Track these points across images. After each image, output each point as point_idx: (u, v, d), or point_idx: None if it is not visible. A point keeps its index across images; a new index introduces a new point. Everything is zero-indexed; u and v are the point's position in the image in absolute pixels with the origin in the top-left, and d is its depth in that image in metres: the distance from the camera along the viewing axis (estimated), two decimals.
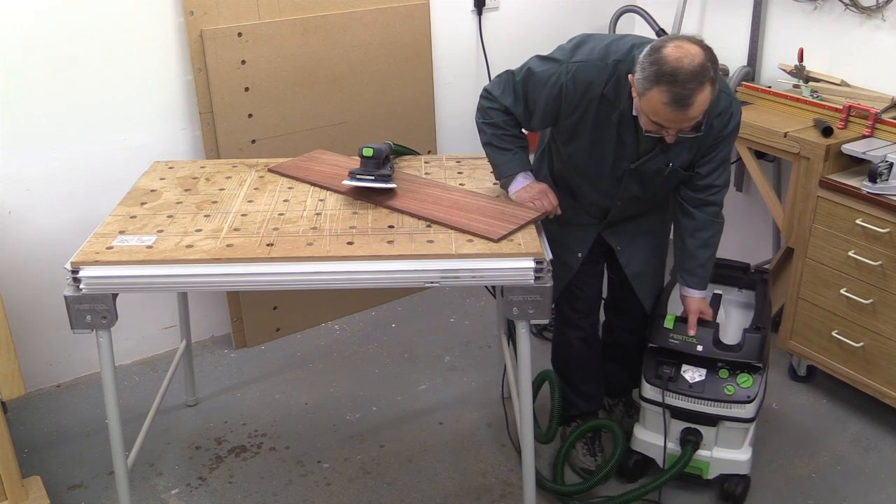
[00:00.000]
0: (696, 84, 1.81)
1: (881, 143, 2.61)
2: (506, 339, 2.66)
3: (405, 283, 2.00)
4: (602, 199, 2.25)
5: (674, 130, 1.92)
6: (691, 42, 1.85)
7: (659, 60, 1.82)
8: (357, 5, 3.03)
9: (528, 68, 2.10)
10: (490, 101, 2.18)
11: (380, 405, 2.85)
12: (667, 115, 1.86)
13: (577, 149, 2.15)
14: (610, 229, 2.33)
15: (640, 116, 1.95)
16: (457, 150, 3.47)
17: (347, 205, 2.23)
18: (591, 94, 2.02)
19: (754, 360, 2.26)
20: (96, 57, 2.67)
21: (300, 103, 3.01)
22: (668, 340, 2.30)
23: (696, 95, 1.82)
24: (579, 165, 2.20)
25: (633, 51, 1.98)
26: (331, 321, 3.35)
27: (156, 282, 1.95)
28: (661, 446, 2.35)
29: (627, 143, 2.09)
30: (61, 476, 2.53)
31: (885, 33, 2.83)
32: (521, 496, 2.33)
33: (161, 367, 3.05)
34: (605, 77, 2.00)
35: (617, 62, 1.99)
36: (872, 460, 2.56)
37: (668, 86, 1.81)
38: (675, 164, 2.10)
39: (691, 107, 1.83)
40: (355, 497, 2.44)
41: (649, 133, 1.96)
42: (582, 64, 2.02)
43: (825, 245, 2.64)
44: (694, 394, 2.28)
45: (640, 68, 1.87)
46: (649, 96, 1.85)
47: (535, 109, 2.12)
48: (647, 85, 1.85)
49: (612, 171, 2.15)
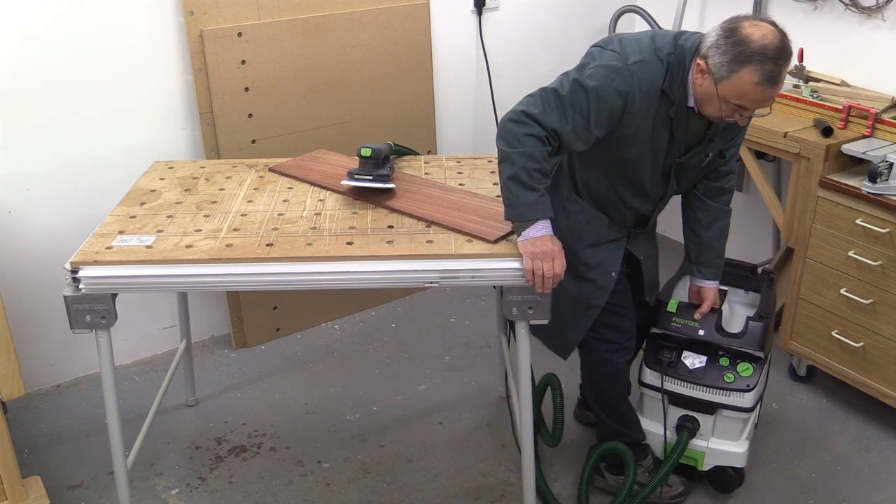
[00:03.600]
0: (784, 60, 1.78)
1: (881, 143, 2.61)
2: (506, 339, 2.66)
3: (405, 283, 2.00)
4: (644, 205, 2.14)
5: (750, 112, 1.87)
6: (760, 19, 1.82)
7: (744, 40, 1.77)
8: (357, 5, 3.03)
9: (574, 80, 1.90)
10: (526, 125, 1.89)
11: (380, 405, 2.85)
12: (755, 94, 1.80)
13: (631, 154, 2.01)
14: (633, 240, 2.23)
15: (713, 103, 1.87)
16: (457, 150, 3.47)
17: (347, 205, 2.24)
18: (654, 92, 1.93)
19: (755, 349, 2.26)
20: (96, 57, 2.67)
21: (300, 103, 3.02)
22: (670, 324, 2.29)
23: (784, 71, 1.79)
24: (629, 171, 2.05)
25: (678, 41, 1.92)
26: (331, 321, 3.35)
27: (155, 282, 1.95)
28: (659, 434, 2.34)
29: (678, 137, 2.00)
30: (61, 476, 2.53)
31: (885, 33, 2.83)
32: (521, 496, 2.33)
33: (161, 367, 3.05)
34: (663, 73, 1.92)
35: (668, 55, 1.92)
36: (872, 460, 2.55)
37: (759, 64, 1.76)
38: (713, 153, 2.07)
39: (780, 83, 1.80)
40: (355, 497, 2.44)
41: (724, 119, 1.90)
42: (642, 63, 1.90)
43: (825, 245, 2.64)
44: (693, 380, 2.27)
45: (720, 52, 1.80)
46: (735, 78, 1.79)
47: (592, 123, 1.91)
48: (734, 67, 1.79)
49: (660, 169, 2.06)
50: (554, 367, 2.60)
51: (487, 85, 3.47)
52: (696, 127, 2.00)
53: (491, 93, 3.47)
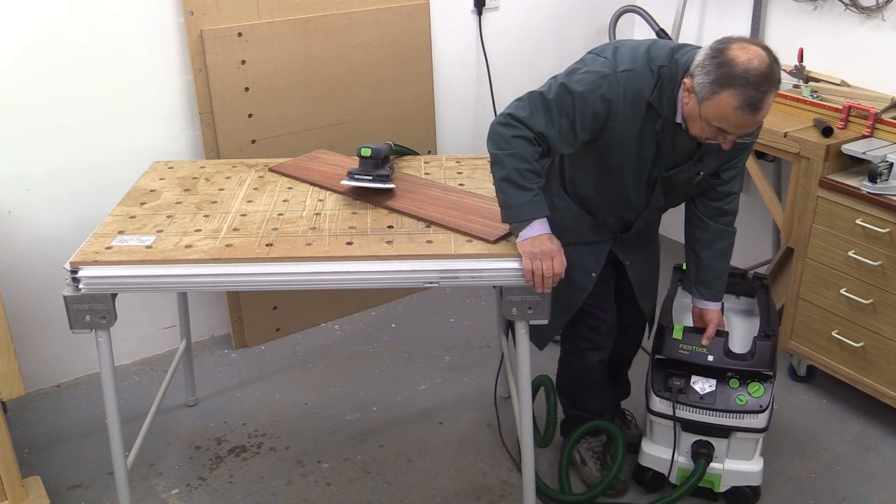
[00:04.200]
0: (768, 86, 1.73)
1: (881, 143, 2.61)
2: (506, 338, 2.66)
3: (405, 283, 2.00)
4: (627, 212, 2.14)
5: (733, 136, 1.82)
6: (752, 43, 1.76)
7: (728, 62, 1.73)
8: (357, 5, 3.03)
9: (561, 84, 1.91)
10: (514, 127, 1.92)
11: (380, 405, 2.85)
12: (735, 119, 1.76)
13: (614, 161, 2.01)
14: (620, 244, 2.24)
15: (695, 123, 1.84)
16: (456, 150, 3.47)
17: (347, 205, 2.24)
18: (639, 103, 1.91)
19: (766, 369, 2.22)
20: (96, 57, 2.67)
21: (300, 103, 3.02)
22: (677, 351, 2.25)
23: (768, 98, 1.74)
24: (612, 178, 2.06)
25: (675, 54, 1.88)
26: (331, 321, 3.35)
27: (155, 282, 1.95)
28: (669, 460, 2.32)
29: (665, 151, 1.98)
30: (61, 476, 2.53)
31: (885, 33, 2.83)
32: (521, 496, 2.33)
33: (161, 367, 3.05)
34: (652, 84, 1.89)
35: (661, 67, 1.88)
36: (872, 460, 2.55)
37: (740, 89, 1.71)
38: (705, 173, 2.03)
39: (762, 110, 1.74)
40: (355, 497, 2.44)
41: (706, 140, 1.86)
42: (630, 72, 1.89)
43: (825, 245, 2.64)
44: (705, 405, 2.22)
45: (704, 72, 1.76)
46: (716, 100, 1.75)
47: (577, 127, 1.92)
48: (715, 88, 1.74)
49: (644, 181, 2.04)
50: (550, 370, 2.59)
51: (487, 85, 3.47)
52: (684, 143, 1.95)
53: (491, 93, 3.47)
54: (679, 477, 2.34)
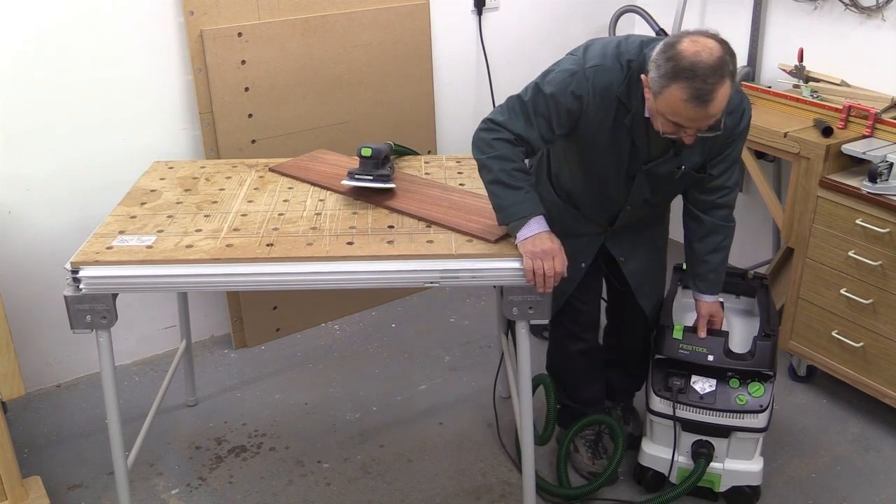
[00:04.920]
0: (717, 78, 1.72)
1: (881, 143, 2.61)
2: (506, 338, 2.66)
3: (405, 283, 2.00)
4: (611, 206, 2.17)
5: (692, 131, 1.82)
6: (706, 36, 1.76)
7: (676, 56, 1.73)
8: (357, 5, 3.03)
9: (534, 85, 1.96)
10: (494, 131, 1.97)
11: (380, 405, 2.85)
12: (687, 112, 1.76)
13: (591, 156, 2.05)
14: (613, 238, 2.26)
15: (656, 118, 1.85)
16: (457, 150, 3.47)
17: (347, 205, 2.24)
18: (609, 97, 1.93)
19: (766, 369, 2.22)
20: (96, 57, 2.67)
21: (300, 103, 3.02)
22: (677, 351, 2.25)
23: (717, 90, 1.73)
24: (591, 172, 2.10)
25: (644, 48, 1.89)
26: (331, 321, 3.35)
27: (156, 282, 1.95)
28: (669, 460, 2.32)
29: (639, 145, 2.00)
30: (61, 476, 2.53)
31: (885, 33, 2.83)
32: (521, 496, 2.33)
33: (161, 367, 3.05)
34: (621, 78, 1.91)
35: (629, 61, 1.90)
36: (872, 460, 2.56)
37: (687, 81, 1.72)
38: (688, 167, 2.04)
39: (712, 102, 1.74)
40: (355, 497, 2.44)
41: (667, 135, 1.86)
42: (598, 67, 1.92)
43: (825, 245, 2.64)
44: (705, 405, 2.23)
45: (655, 66, 1.77)
46: (667, 94, 1.76)
47: (554, 125, 1.96)
48: (665, 82, 1.75)
49: (624, 175, 2.07)
50: None
51: (487, 85, 3.47)
52: (658, 137, 1.94)
53: (491, 93, 3.47)
54: (679, 477, 2.34)
